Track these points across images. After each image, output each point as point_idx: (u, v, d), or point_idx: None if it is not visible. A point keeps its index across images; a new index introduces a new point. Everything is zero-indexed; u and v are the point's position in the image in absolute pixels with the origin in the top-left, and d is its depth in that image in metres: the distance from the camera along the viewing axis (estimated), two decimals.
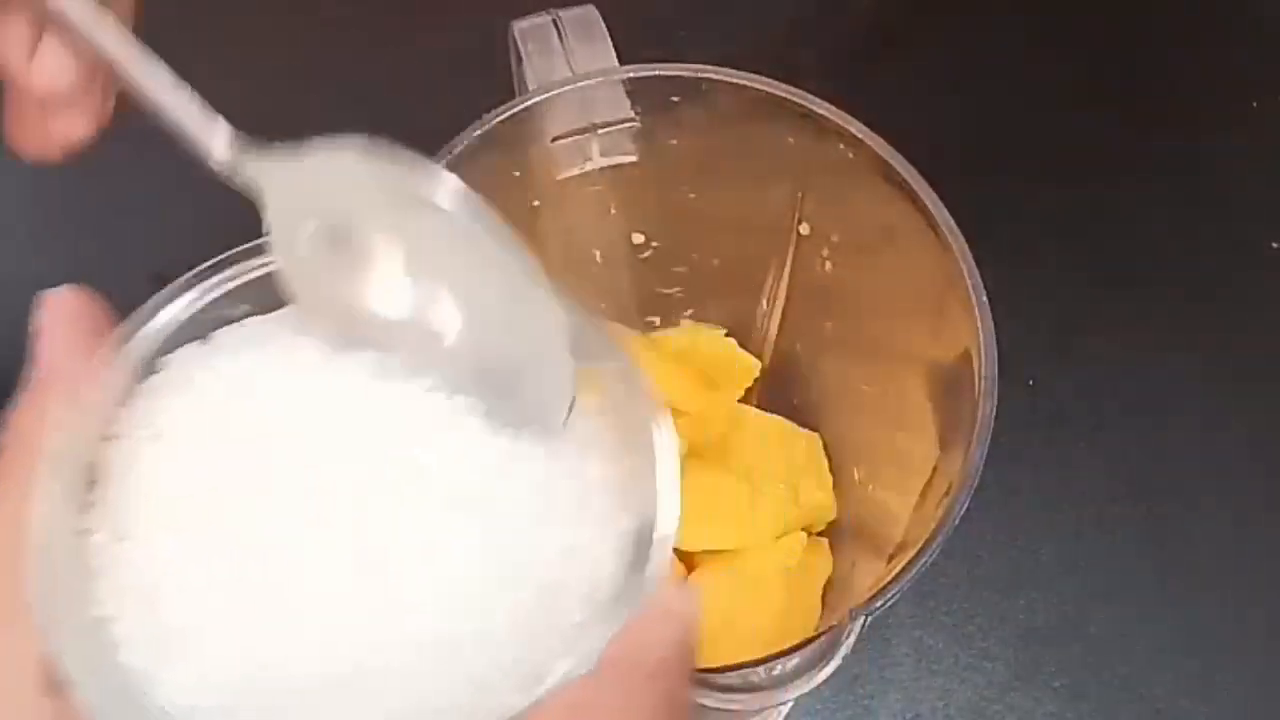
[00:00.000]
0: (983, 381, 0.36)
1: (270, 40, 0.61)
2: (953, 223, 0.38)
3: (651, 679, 0.24)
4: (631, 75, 0.40)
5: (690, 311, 0.49)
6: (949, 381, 0.38)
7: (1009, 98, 0.62)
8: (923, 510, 0.38)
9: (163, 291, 0.27)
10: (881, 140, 0.39)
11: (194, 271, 0.28)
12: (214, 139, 0.27)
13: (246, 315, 0.28)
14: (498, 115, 0.39)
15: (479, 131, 0.39)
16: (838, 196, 0.42)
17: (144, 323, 0.27)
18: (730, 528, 0.46)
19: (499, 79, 0.42)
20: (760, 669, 0.32)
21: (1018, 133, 0.61)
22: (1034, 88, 0.63)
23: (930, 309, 0.39)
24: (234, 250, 0.28)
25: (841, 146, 0.40)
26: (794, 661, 0.32)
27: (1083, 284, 0.58)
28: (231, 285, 0.28)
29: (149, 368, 0.26)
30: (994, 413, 0.35)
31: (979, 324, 0.36)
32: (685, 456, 0.47)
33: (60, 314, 0.27)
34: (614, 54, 0.40)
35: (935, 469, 0.38)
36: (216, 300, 0.28)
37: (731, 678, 0.32)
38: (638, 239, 0.46)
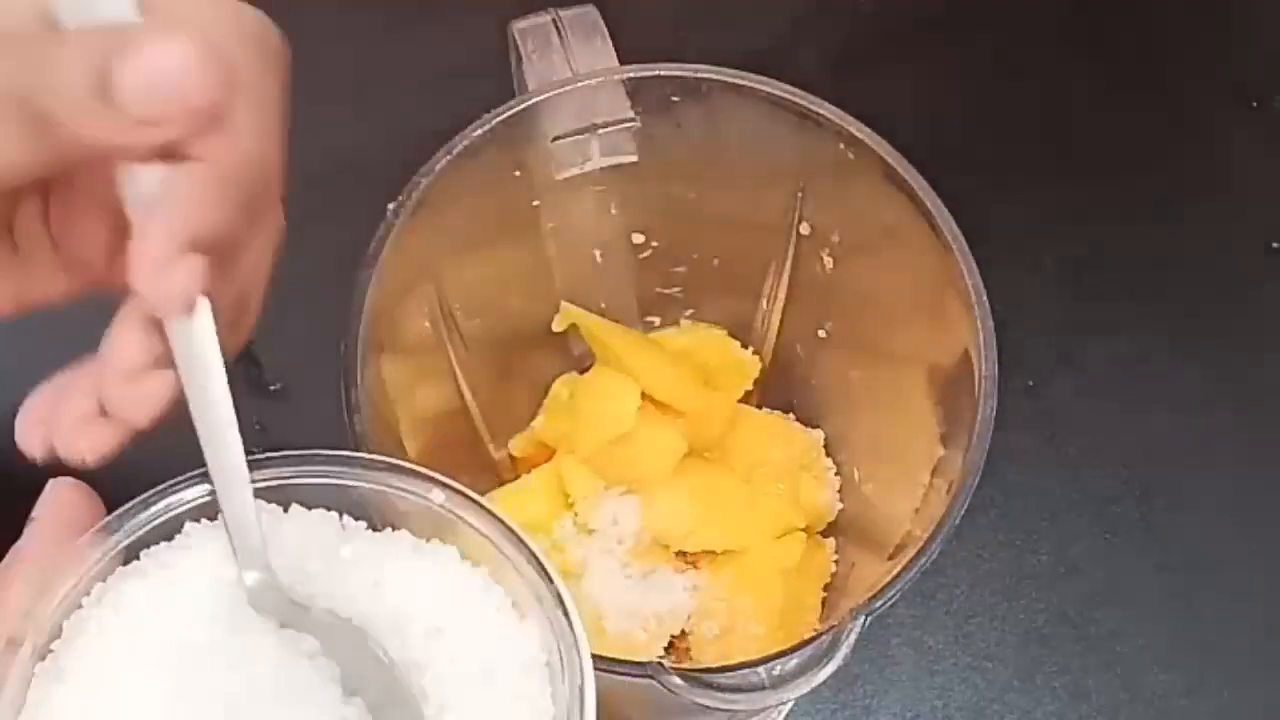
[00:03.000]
0: (983, 381, 0.36)
1: None
2: (953, 223, 0.38)
3: None
4: (631, 75, 0.40)
5: (690, 311, 0.49)
6: (949, 381, 0.38)
7: (1009, 98, 0.62)
8: (923, 510, 0.38)
9: (156, 488, 0.28)
10: (881, 140, 0.39)
11: (193, 474, 0.28)
12: (240, 533, 0.27)
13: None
14: (498, 115, 0.39)
15: (479, 131, 0.39)
16: (838, 196, 0.42)
17: (128, 515, 0.28)
18: (730, 528, 0.46)
19: (499, 79, 0.42)
20: (760, 669, 0.32)
21: (1018, 133, 0.61)
22: (1034, 88, 0.63)
23: (930, 309, 0.39)
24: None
25: (841, 146, 0.40)
26: (794, 661, 0.32)
27: (1083, 284, 0.58)
28: (204, 503, 0.28)
29: (123, 558, 0.28)
30: (994, 413, 0.35)
31: (979, 324, 0.36)
32: (685, 456, 0.47)
33: (53, 502, 0.28)
34: (614, 54, 0.40)
35: (935, 469, 0.38)
36: (205, 504, 0.28)
37: (731, 678, 0.32)
38: (638, 239, 0.46)
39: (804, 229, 0.44)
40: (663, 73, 0.40)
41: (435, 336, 0.43)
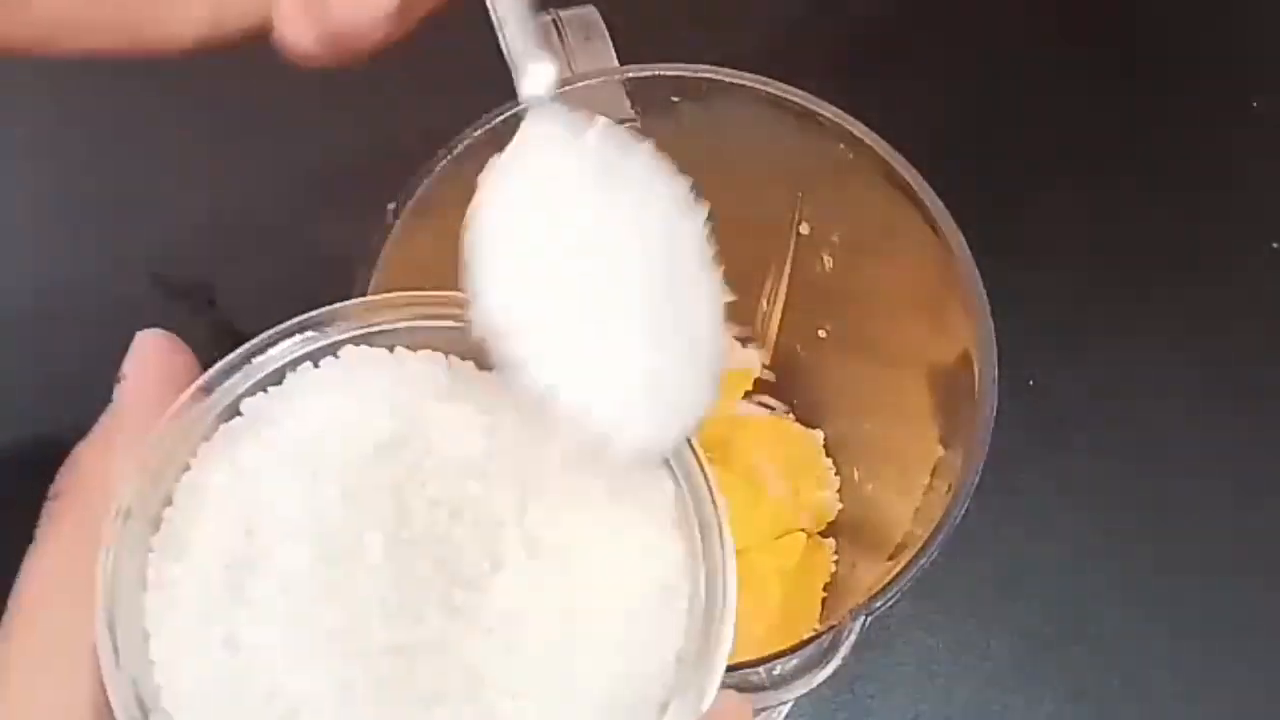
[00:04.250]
0: (983, 381, 0.36)
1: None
2: (953, 222, 0.38)
3: None
4: (631, 75, 0.40)
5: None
6: (949, 381, 0.38)
7: (1009, 98, 0.62)
8: (923, 510, 0.38)
9: (248, 344, 0.27)
10: (881, 140, 0.39)
11: (280, 327, 0.27)
12: (532, 74, 0.27)
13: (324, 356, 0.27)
14: (498, 115, 0.39)
15: (479, 131, 0.39)
16: (838, 196, 0.42)
17: (228, 371, 0.26)
18: (730, 528, 0.46)
19: (499, 79, 0.42)
20: (760, 669, 0.32)
21: (1018, 132, 0.61)
22: (1034, 87, 0.63)
23: (930, 309, 0.39)
24: (317, 312, 0.27)
25: (841, 146, 0.40)
26: (794, 661, 0.32)
27: (1083, 284, 0.58)
28: (315, 345, 0.27)
29: (226, 415, 0.26)
30: (994, 413, 0.35)
31: (979, 324, 0.36)
32: None
33: (149, 358, 0.27)
34: (614, 54, 0.40)
35: (935, 469, 0.38)
36: (300, 358, 0.27)
37: (731, 678, 0.32)
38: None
39: (804, 229, 0.44)
40: (663, 73, 0.40)
41: None
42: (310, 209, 0.56)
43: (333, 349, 0.27)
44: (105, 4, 0.30)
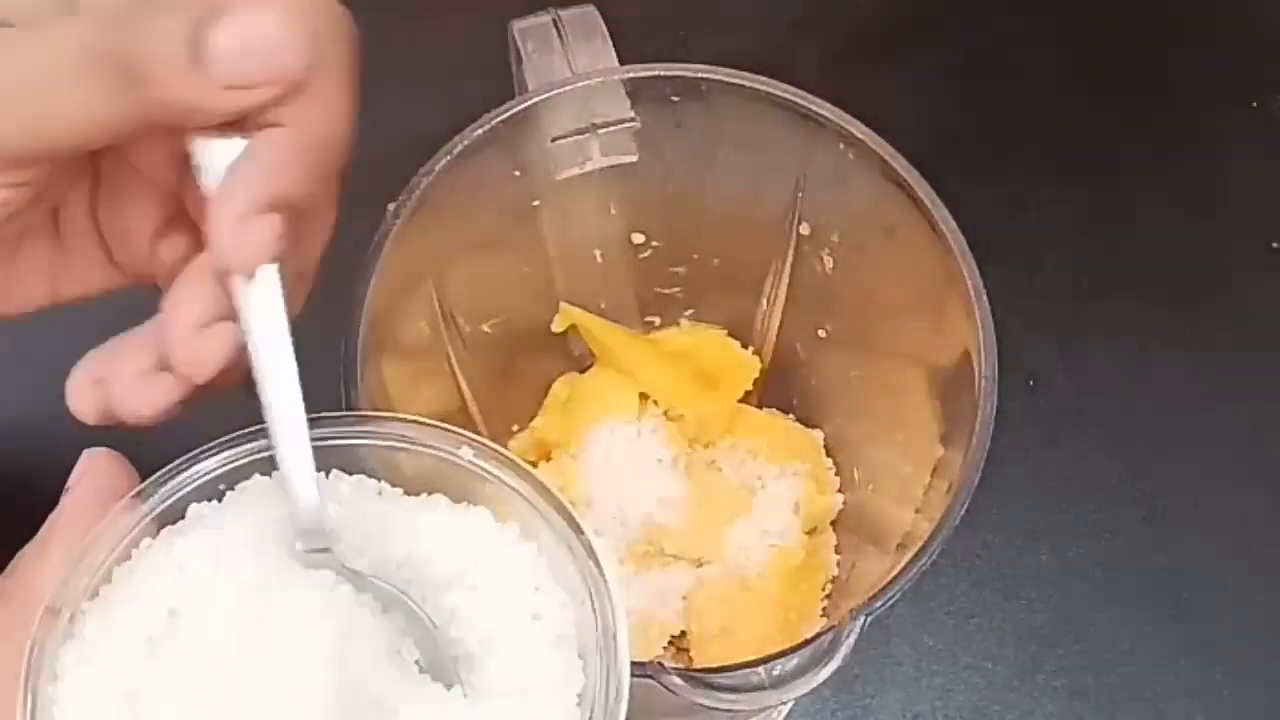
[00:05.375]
0: (983, 381, 0.36)
1: None
2: (953, 223, 0.38)
3: None
4: (631, 75, 0.40)
5: (690, 311, 0.49)
6: (949, 381, 0.38)
7: (1009, 97, 0.62)
8: (923, 510, 0.38)
9: (189, 454, 0.28)
10: (881, 140, 0.39)
11: (223, 439, 0.28)
12: (303, 492, 0.27)
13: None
14: (498, 115, 0.39)
15: (479, 131, 0.39)
16: (838, 196, 0.42)
17: (163, 480, 0.28)
18: (730, 528, 0.46)
19: (499, 79, 0.42)
20: (760, 669, 0.32)
21: (1018, 132, 0.61)
22: (1034, 88, 0.63)
23: (930, 309, 0.39)
24: (249, 431, 0.28)
25: (841, 146, 0.40)
26: (794, 661, 0.32)
27: (1083, 283, 0.58)
28: (254, 457, 0.28)
29: (160, 523, 0.28)
30: (994, 413, 0.35)
31: (979, 324, 0.36)
32: (685, 457, 0.47)
33: (90, 471, 0.29)
34: (614, 54, 0.40)
35: (935, 468, 0.38)
36: (237, 469, 0.28)
37: (731, 678, 0.32)
38: (638, 239, 0.46)
39: (804, 229, 0.44)
40: (663, 73, 0.40)
41: (435, 337, 0.43)
42: None
43: (267, 465, 0.28)
44: None
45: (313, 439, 0.27)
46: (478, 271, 0.43)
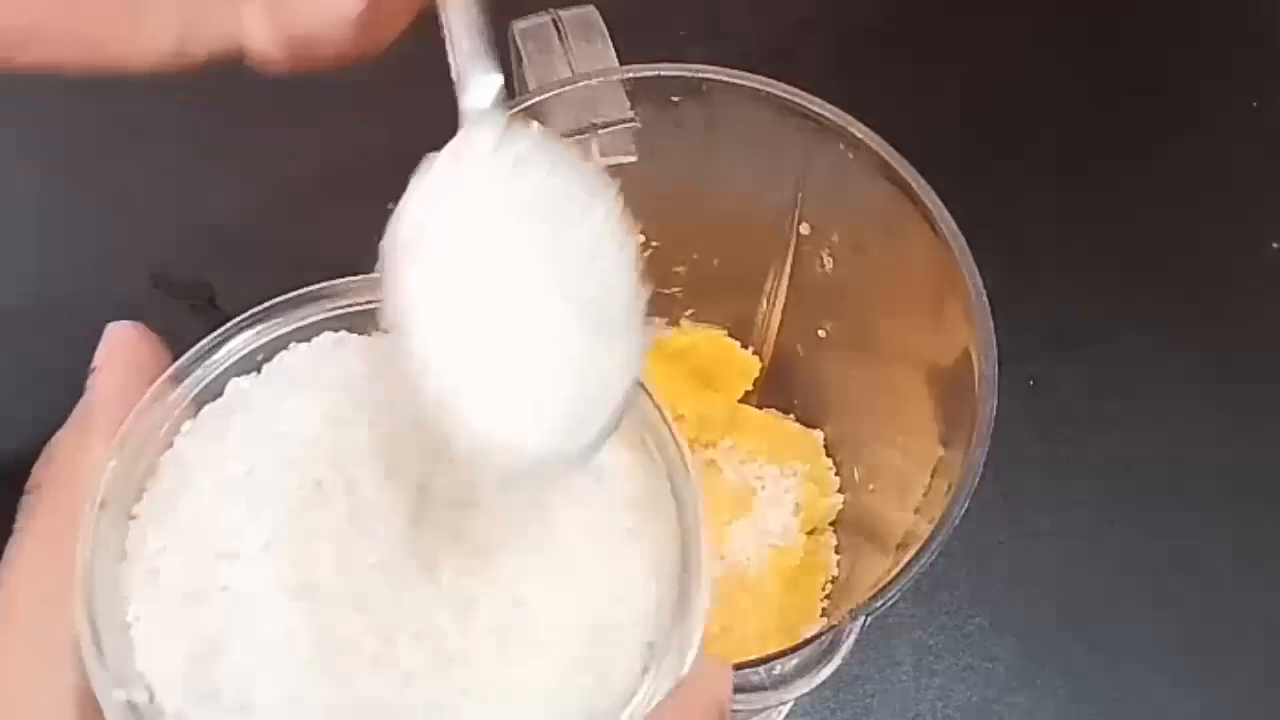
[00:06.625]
0: (983, 381, 0.36)
1: None
2: (953, 222, 0.38)
3: None
4: (631, 75, 0.40)
5: (690, 311, 0.49)
6: (949, 381, 0.38)
7: (1009, 98, 0.62)
8: (923, 510, 0.38)
9: (221, 329, 0.27)
10: (881, 140, 0.39)
11: (252, 311, 0.27)
12: (477, 85, 0.27)
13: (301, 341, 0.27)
14: None
15: None
16: (838, 196, 0.42)
17: (198, 359, 0.26)
18: (730, 528, 0.46)
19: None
20: (760, 669, 0.32)
21: (1017, 133, 0.61)
22: (1034, 88, 0.63)
23: (930, 309, 0.39)
24: (292, 294, 0.27)
25: (841, 146, 0.40)
26: (794, 661, 0.32)
27: (1083, 284, 0.58)
28: (288, 328, 0.27)
29: (199, 402, 0.26)
30: (994, 413, 0.35)
31: (979, 324, 0.36)
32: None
33: (117, 349, 0.27)
34: (614, 54, 0.40)
35: (935, 469, 0.38)
36: (272, 341, 0.27)
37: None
38: (638, 239, 0.46)
39: (804, 229, 0.44)
40: (663, 73, 0.40)
41: None
42: (310, 209, 0.56)
43: (308, 332, 0.27)
44: (72, 17, 0.30)
45: (347, 298, 0.27)
46: None
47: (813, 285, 0.45)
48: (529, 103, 0.40)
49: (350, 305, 0.27)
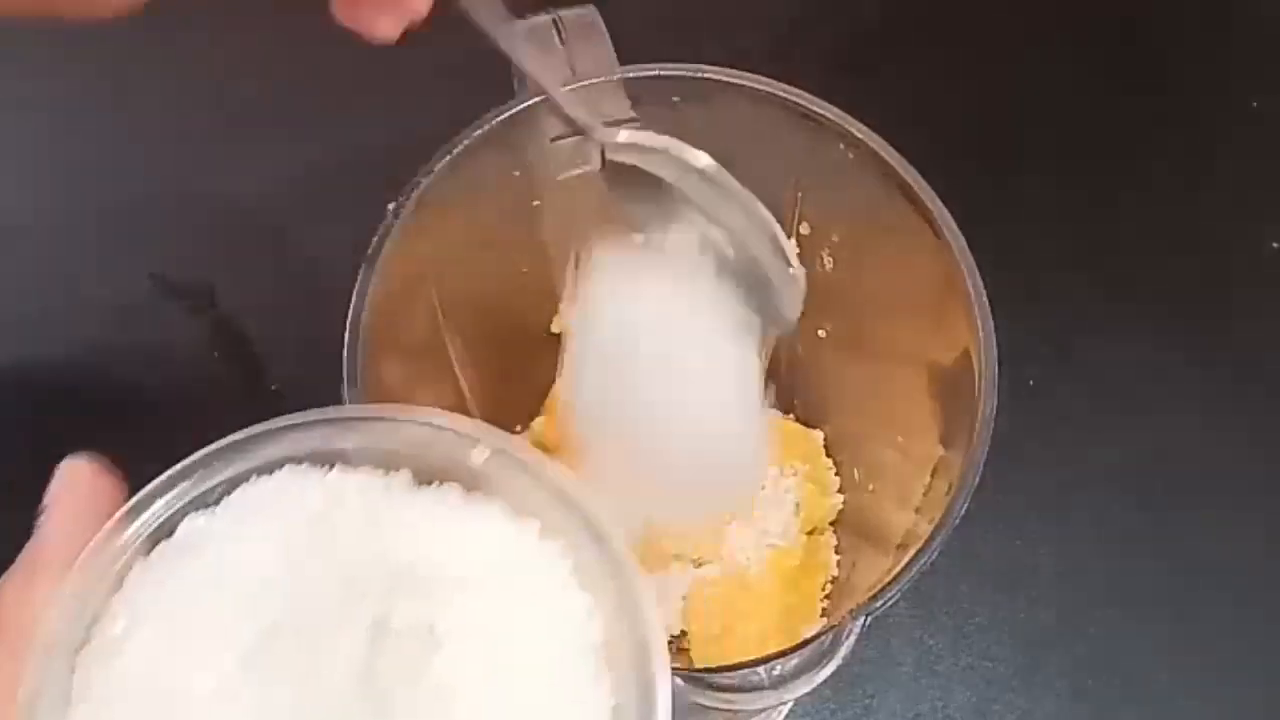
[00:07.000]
0: (983, 381, 0.36)
1: (273, 41, 0.61)
2: (953, 223, 0.38)
3: None
4: (631, 75, 0.40)
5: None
6: (949, 381, 0.38)
7: (1009, 98, 0.62)
8: (923, 510, 0.38)
9: (178, 464, 0.26)
10: (881, 140, 0.39)
11: (211, 447, 0.27)
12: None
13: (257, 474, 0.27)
14: (498, 115, 0.39)
15: (479, 131, 0.39)
16: (838, 197, 0.42)
17: (153, 495, 0.26)
18: (730, 528, 0.46)
19: (499, 79, 0.42)
20: (760, 669, 0.32)
21: (1018, 133, 0.61)
22: (1034, 88, 0.63)
23: (930, 309, 0.39)
24: (252, 429, 0.27)
25: (841, 146, 0.40)
26: (794, 661, 0.32)
27: (1083, 284, 0.58)
28: (246, 465, 0.27)
29: (154, 540, 0.26)
30: (994, 413, 0.35)
31: (979, 324, 0.36)
32: None
33: (69, 486, 0.26)
34: (614, 54, 0.40)
35: (935, 469, 0.38)
36: (231, 477, 0.27)
37: (731, 678, 0.32)
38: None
39: (804, 229, 0.44)
40: (663, 73, 0.40)
41: (435, 336, 0.43)
42: (310, 209, 0.56)
43: (268, 468, 0.27)
44: None
45: (308, 433, 0.26)
46: (478, 271, 0.43)
47: (812, 285, 0.45)
48: (529, 103, 0.40)
49: (310, 439, 0.27)
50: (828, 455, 0.48)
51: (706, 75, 0.40)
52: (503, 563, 0.26)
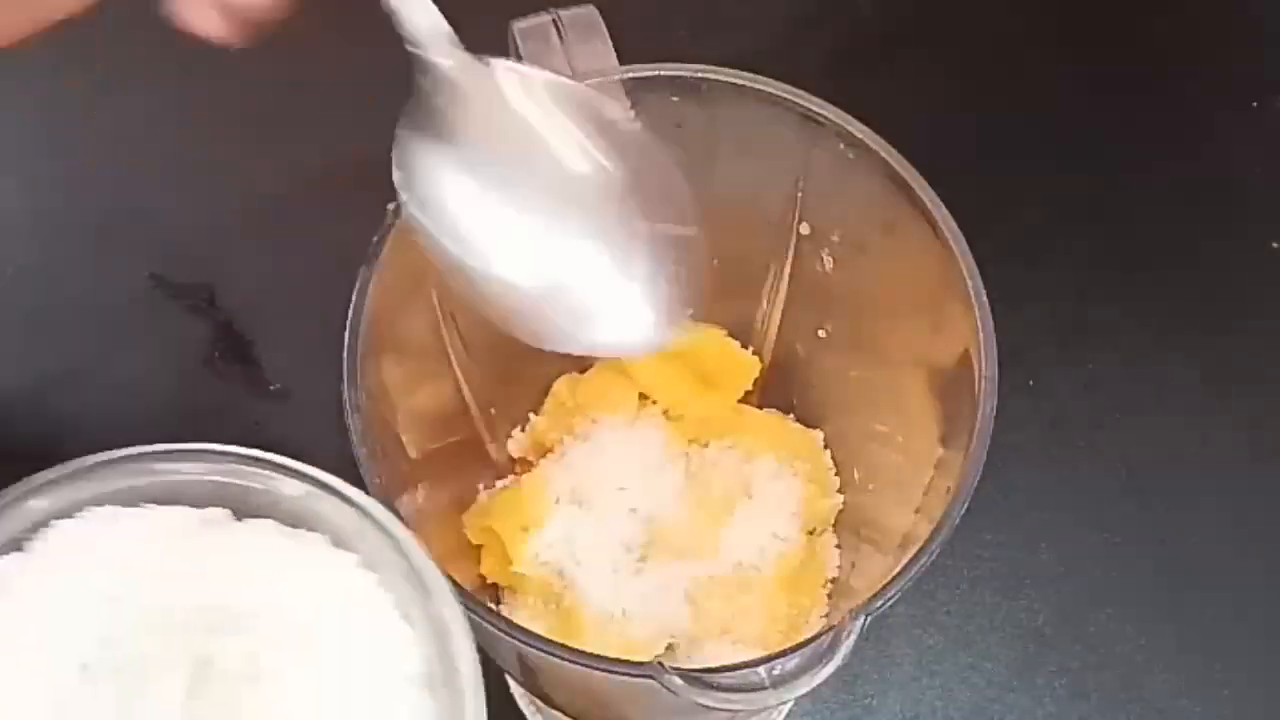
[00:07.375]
0: (983, 381, 0.36)
1: (273, 41, 0.61)
2: (953, 223, 0.38)
3: None
4: (631, 75, 0.40)
5: (690, 311, 0.49)
6: (949, 381, 0.38)
7: (1009, 97, 0.62)
8: (923, 510, 0.38)
9: None
10: (881, 140, 0.39)
11: (15, 490, 0.26)
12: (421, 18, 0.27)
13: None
14: None
15: None
16: (838, 197, 0.42)
17: None
18: (730, 528, 0.46)
19: None
20: (760, 669, 0.32)
21: (1018, 132, 0.61)
22: (1034, 88, 0.63)
23: (930, 309, 0.39)
24: (54, 470, 0.27)
25: (841, 146, 0.40)
26: (794, 661, 0.32)
27: (1083, 283, 0.58)
28: (54, 506, 0.27)
29: None
30: (994, 413, 0.35)
31: (979, 324, 0.36)
32: (685, 456, 0.47)
33: None
34: (614, 54, 0.40)
35: (935, 469, 0.38)
36: (37, 521, 0.27)
37: (731, 678, 0.32)
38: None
39: (804, 229, 0.44)
40: (663, 73, 0.40)
41: (435, 336, 0.43)
42: (310, 209, 0.56)
43: (80, 507, 0.27)
44: None
45: (121, 468, 0.26)
46: None
47: (813, 285, 0.45)
48: None
49: (123, 476, 0.27)
50: (828, 455, 0.48)
51: (706, 75, 0.40)
52: (323, 596, 0.26)
